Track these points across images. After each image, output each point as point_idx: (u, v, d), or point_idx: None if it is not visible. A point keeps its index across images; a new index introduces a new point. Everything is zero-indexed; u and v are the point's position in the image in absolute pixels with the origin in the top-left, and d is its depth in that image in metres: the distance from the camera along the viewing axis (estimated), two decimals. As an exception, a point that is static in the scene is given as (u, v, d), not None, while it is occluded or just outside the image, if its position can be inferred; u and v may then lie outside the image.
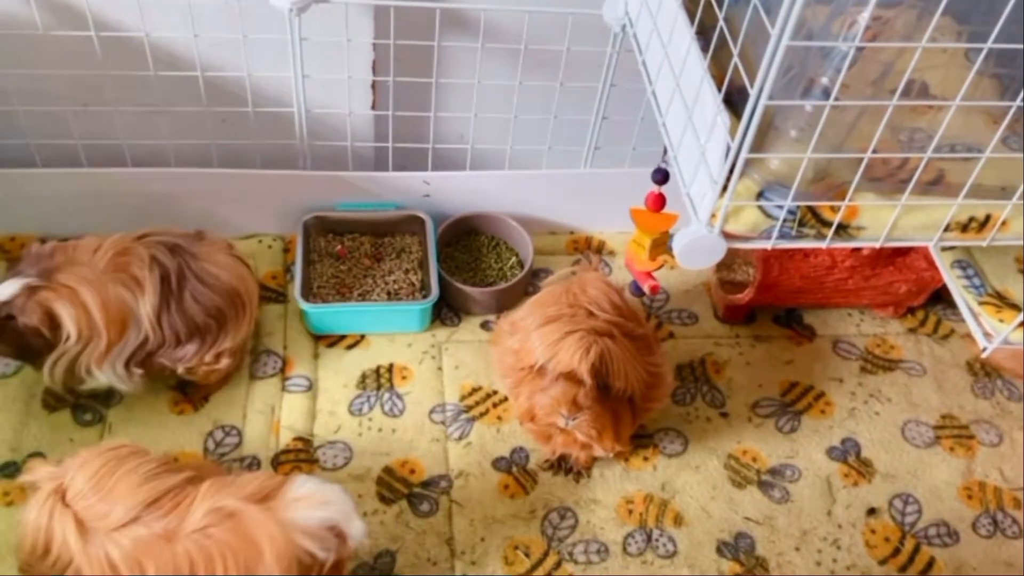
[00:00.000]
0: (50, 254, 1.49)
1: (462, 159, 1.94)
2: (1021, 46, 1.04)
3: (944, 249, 1.45)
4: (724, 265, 2.01)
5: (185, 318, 1.56)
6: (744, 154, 1.09)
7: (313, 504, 1.23)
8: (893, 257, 1.84)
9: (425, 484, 1.62)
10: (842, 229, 1.21)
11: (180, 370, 1.59)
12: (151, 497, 1.20)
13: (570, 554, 1.56)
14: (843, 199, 1.18)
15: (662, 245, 1.45)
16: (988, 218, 1.23)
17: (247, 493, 1.23)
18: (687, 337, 1.91)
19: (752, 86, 1.03)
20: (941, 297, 1.96)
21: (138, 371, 1.55)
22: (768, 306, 1.96)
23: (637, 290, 1.56)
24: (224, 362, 1.62)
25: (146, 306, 1.51)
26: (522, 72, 1.77)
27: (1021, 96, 1.08)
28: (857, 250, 1.81)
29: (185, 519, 1.20)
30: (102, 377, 1.53)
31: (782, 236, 1.21)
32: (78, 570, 1.19)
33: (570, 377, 1.43)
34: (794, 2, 0.93)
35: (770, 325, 1.95)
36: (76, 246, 1.52)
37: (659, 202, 1.42)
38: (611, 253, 2.06)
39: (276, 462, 1.62)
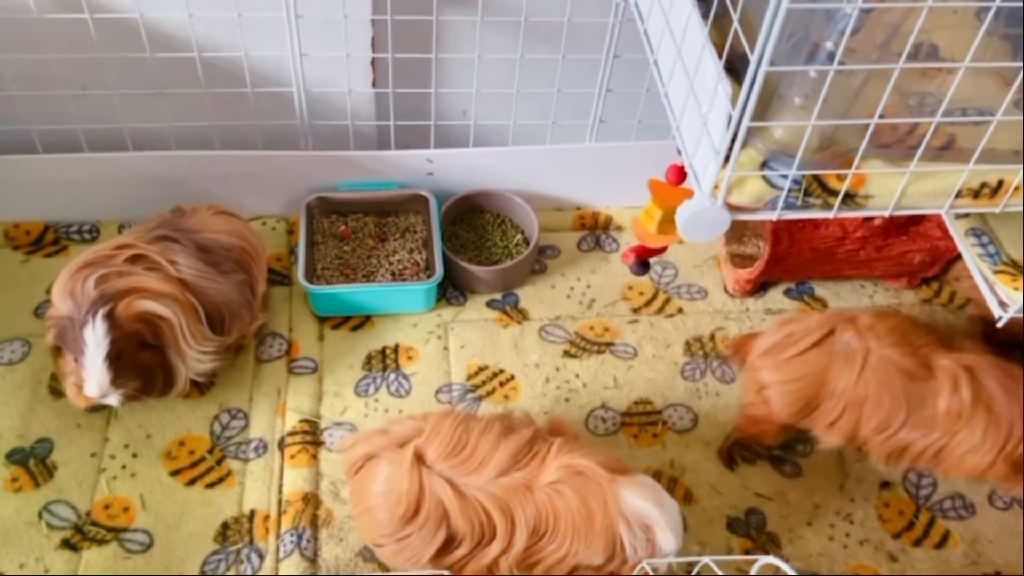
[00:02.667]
0: (94, 283, 1.45)
1: (465, 136, 1.92)
2: (1033, 4, 1.00)
3: (958, 217, 1.41)
4: (733, 238, 1.98)
5: (222, 285, 1.57)
6: (746, 123, 1.06)
7: (646, 496, 1.27)
8: (906, 226, 1.80)
9: (433, 464, 1.61)
10: (849, 198, 1.18)
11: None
12: (513, 452, 1.30)
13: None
14: (850, 167, 1.14)
15: (671, 221, 1.42)
16: (1001, 183, 1.19)
17: (600, 460, 1.30)
18: (696, 312, 1.88)
19: (752, 52, 1.00)
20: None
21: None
22: (779, 279, 1.93)
23: (640, 268, 1.51)
24: (260, 316, 1.71)
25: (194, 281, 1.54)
26: (524, 45, 1.73)
27: (1032, 56, 1.04)
28: (868, 220, 1.77)
29: (541, 471, 1.29)
30: (204, 359, 1.55)
31: (787, 207, 1.17)
32: (456, 524, 1.28)
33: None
34: (794, -37, 0.90)
35: (781, 298, 1.92)
36: (96, 257, 1.50)
37: (680, 174, 1.38)
38: (619, 229, 2.03)
39: (282, 444, 1.62)
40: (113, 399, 1.45)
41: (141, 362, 1.47)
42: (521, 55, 1.75)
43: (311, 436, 1.63)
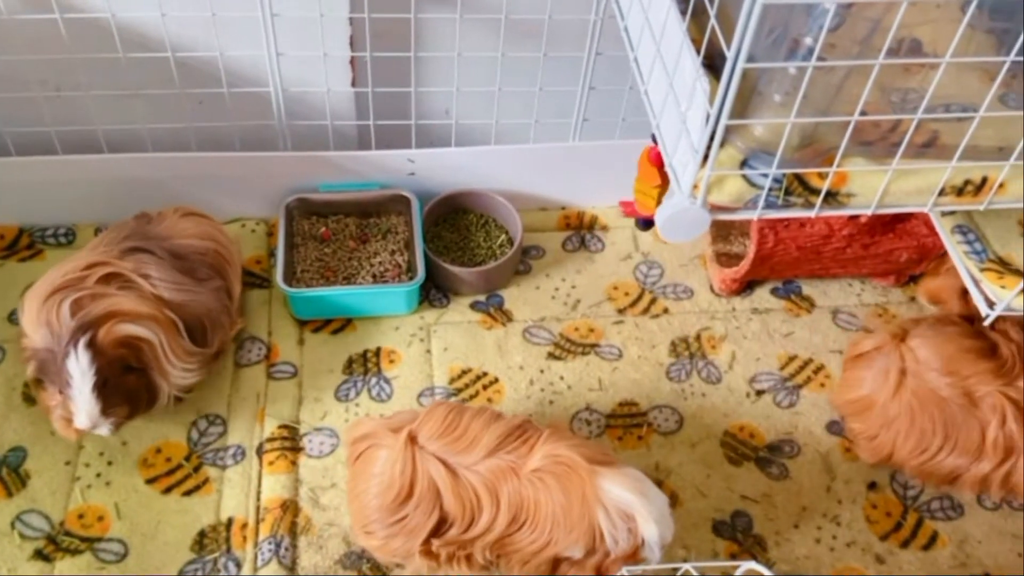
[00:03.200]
0: (69, 310, 1.40)
1: (447, 135, 1.89)
2: (1016, -2, 0.98)
3: (944, 214, 1.39)
4: (719, 237, 1.96)
5: (200, 295, 1.55)
6: (724, 120, 1.04)
7: (627, 486, 1.26)
8: (892, 224, 1.79)
9: (414, 469, 1.59)
10: (831, 197, 1.16)
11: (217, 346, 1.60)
12: (503, 434, 1.32)
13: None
14: (831, 165, 1.12)
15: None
16: (985, 180, 1.17)
17: (584, 452, 1.30)
18: (682, 312, 1.86)
19: (729, 49, 0.98)
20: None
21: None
22: (766, 278, 1.91)
23: (645, 225, 1.66)
24: (239, 321, 1.68)
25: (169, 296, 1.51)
26: (504, 43, 1.71)
27: (1015, 51, 1.02)
28: (855, 218, 1.75)
29: (528, 458, 1.31)
30: (187, 375, 1.52)
31: (768, 206, 1.15)
32: (448, 503, 1.29)
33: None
34: (769, -43, 0.88)
35: (768, 297, 1.90)
36: (67, 281, 1.46)
37: (659, 158, 1.38)
38: (604, 228, 2.01)
39: (261, 450, 1.59)
40: (104, 429, 1.43)
41: (127, 386, 1.44)
42: (502, 53, 1.73)
43: (290, 442, 1.60)
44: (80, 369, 1.36)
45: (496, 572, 1.38)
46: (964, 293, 1.60)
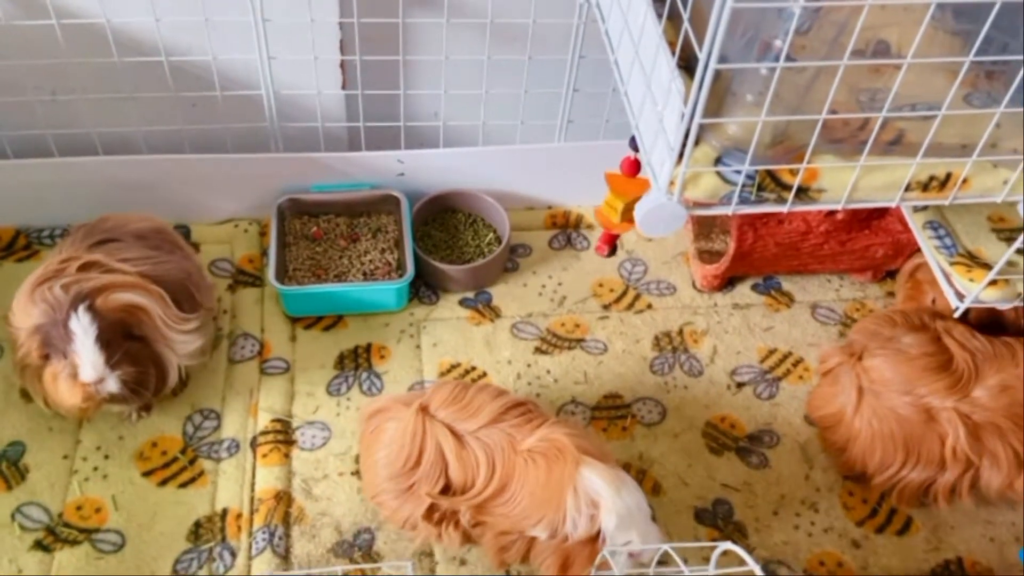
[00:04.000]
0: (62, 289, 1.44)
1: (436, 136, 1.94)
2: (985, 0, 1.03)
3: (917, 211, 1.44)
4: (702, 235, 2.01)
5: (173, 263, 1.60)
6: (698, 119, 1.09)
7: (603, 475, 1.30)
8: (868, 220, 1.84)
9: (404, 461, 1.63)
10: (802, 192, 1.20)
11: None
12: (506, 406, 1.39)
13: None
14: (802, 162, 1.17)
15: (632, 210, 1.46)
16: (949, 176, 1.22)
17: (578, 441, 1.35)
18: (665, 308, 1.91)
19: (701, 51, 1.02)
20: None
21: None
22: (746, 274, 1.96)
23: (610, 252, 1.69)
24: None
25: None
26: (491, 47, 1.76)
27: (973, 51, 1.07)
28: (831, 215, 1.81)
29: (528, 436, 1.36)
30: (189, 338, 1.54)
31: (742, 201, 1.20)
32: (452, 470, 1.36)
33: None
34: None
35: (749, 293, 1.95)
36: (48, 272, 1.49)
37: (634, 167, 1.42)
38: (589, 227, 2.06)
39: (254, 443, 1.63)
40: (111, 382, 1.41)
41: (132, 351, 1.45)
42: (488, 56, 1.78)
43: (283, 435, 1.64)
44: (82, 326, 1.38)
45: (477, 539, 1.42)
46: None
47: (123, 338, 1.44)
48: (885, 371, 1.54)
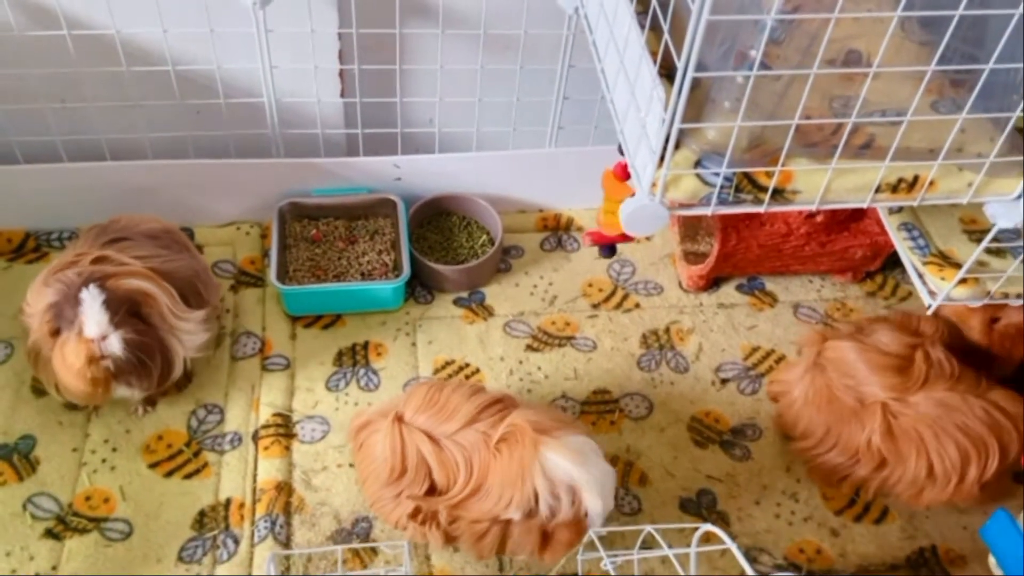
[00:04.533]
0: (76, 274, 1.50)
1: (431, 142, 2.01)
2: (945, 12, 1.10)
3: (892, 213, 1.51)
4: (688, 237, 2.08)
5: (182, 261, 1.67)
6: (677, 124, 1.15)
7: (568, 457, 1.32)
8: (847, 223, 1.91)
9: (401, 454, 1.69)
10: (778, 193, 1.27)
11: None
12: (481, 406, 1.41)
13: (541, 515, 1.63)
14: (777, 165, 1.24)
15: None
16: (916, 179, 1.28)
17: (534, 421, 1.36)
18: (653, 307, 1.98)
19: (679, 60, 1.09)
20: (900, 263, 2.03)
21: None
22: (731, 275, 2.03)
23: (608, 252, 1.76)
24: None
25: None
26: (484, 56, 1.83)
27: (935, 60, 1.14)
28: (811, 217, 1.88)
29: (496, 429, 1.38)
30: (197, 330, 1.60)
31: (721, 202, 1.27)
32: (436, 473, 1.38)
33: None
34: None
35: (733, 293, 2.02)
36: (62, 263, 1.56)
37: (626, 172, 1.48)
38: (579, 229, 2.12)
39: (256, 436, 1.69)
40: (114, 341, 1.45)
41: (137, 328, 1.49)
42: (482, 66, 1.85)
43: (284, 429, 1.71)
44: (91, 295, 1.44)
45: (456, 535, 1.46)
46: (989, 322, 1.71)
47: (130, 314, 1.49)
48: (842, 354, 1.62)
